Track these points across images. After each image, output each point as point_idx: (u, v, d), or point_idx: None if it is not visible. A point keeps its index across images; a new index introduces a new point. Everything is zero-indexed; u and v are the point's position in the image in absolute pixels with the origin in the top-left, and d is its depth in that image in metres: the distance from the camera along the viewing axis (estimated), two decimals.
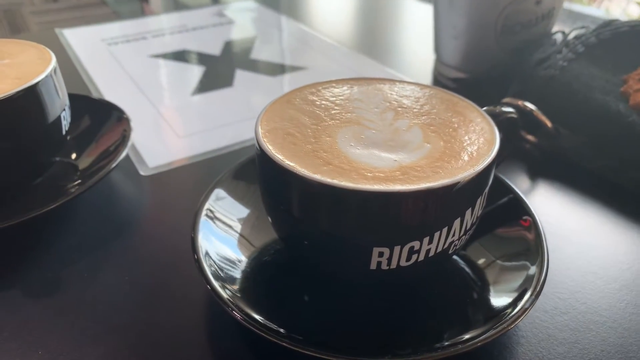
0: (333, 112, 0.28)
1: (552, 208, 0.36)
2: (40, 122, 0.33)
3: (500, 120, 0.29)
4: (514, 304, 0.24)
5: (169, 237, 0.33)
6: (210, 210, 0.30)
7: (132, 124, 0.38)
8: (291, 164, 0.23)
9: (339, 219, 0.23)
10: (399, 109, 0.28)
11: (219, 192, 0.31)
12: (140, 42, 0.65)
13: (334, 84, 0.31)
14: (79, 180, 0.36)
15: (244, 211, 0.32)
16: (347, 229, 0.23)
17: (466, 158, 0.24)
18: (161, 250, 0.32)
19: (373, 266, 0.24)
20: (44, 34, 0.72)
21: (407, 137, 0.25)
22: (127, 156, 0.41)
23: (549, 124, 0.40)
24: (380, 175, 0.22)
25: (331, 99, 0.29)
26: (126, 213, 0.36)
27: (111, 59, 0.60)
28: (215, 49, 0.62)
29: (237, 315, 0.23)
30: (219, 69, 0.58)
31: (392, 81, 0.32)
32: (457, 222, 0.23)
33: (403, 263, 0.24)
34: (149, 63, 0.59)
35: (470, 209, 0.24)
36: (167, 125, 0.46)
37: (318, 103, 0.29)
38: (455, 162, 0.24)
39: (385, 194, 0.21)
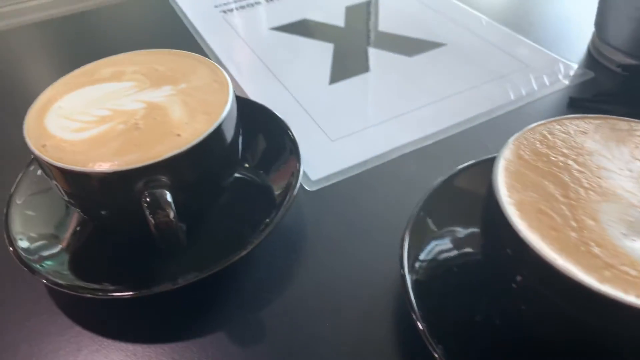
0: (578, 175, 0.24)
1: None
2: (224, 153, 0.31)
3: None
4: None
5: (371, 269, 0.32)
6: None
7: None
8: (564, 263, 0.21)
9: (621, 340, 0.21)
10: None
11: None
12: (255, 8, 0.60)
13: (557, 125, 0.27)
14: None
15: None
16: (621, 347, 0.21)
17: None
18: (360, 290, 0.31)
19: None
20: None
21: None
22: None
23: None
24: None
25: (566, 151, 0.26)
26: (306, 239, 0.34)
27: (229, 30, 0.56)
28: (338, 19, 0.57)
29: None
30: (348, 47, 0.53)
31: (628, 122, 0.27)
32: None
33: None
34: (271, 37, 0.55)
35: None
36: (316, 125, 0.43)
37: (554, 159, 0.25)
38: None
39: None
